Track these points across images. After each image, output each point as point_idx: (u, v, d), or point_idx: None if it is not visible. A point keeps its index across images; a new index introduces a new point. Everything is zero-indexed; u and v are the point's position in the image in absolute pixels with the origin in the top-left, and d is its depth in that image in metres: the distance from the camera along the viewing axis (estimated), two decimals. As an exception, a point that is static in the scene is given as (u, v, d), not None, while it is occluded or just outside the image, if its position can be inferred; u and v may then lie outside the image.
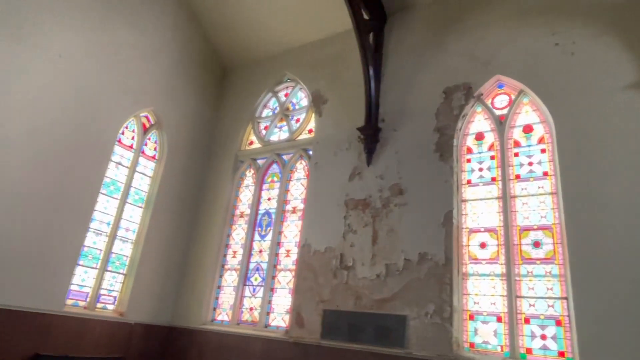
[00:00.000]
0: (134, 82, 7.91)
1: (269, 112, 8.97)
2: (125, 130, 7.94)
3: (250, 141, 8.92)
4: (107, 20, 7.55)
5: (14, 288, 6.01)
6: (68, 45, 6.96)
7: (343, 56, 7.96)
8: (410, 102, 6.84)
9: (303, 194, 7.61)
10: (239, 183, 8.69)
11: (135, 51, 7.98)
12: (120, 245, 7.65)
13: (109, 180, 7.56)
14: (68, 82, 6.91)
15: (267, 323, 7.07)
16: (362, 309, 5.97)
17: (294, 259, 7.18)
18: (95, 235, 7.28)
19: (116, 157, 7.71)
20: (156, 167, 8.40)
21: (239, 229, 8.24)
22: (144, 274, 7.72)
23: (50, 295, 6.41)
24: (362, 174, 6.83)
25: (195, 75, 9.20)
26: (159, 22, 8.46)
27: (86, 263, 7.11)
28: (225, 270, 8.04)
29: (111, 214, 7.55)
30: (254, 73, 9.38)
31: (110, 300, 7.41)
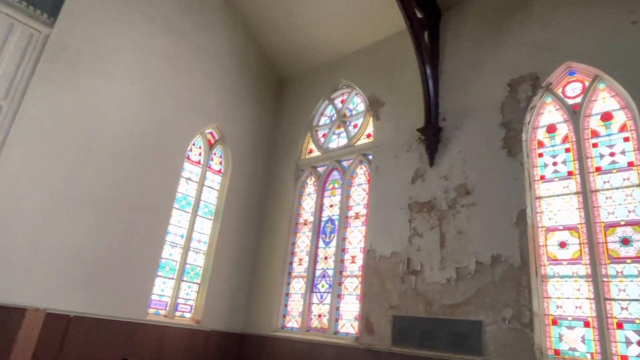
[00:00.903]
0: (198, 101, 8.36)
1: (326, 120, 9.06)
2: (193, 147, 8.39)
3: (310, 149, 9.04)
4: (172, 47, 8.07)
5: (103, 299, 6.53)
6: (140, 73, 7.52)
7: (398, 57, 7.86)
8: (472, 99, 6.59)
9: (365, 199, 7.57)
10: (301, 191, 8.83)
11: (198, 72, 8.44)
12: (194, 256, 8.06)
13: (181, 195, 8.01)
14: (142, 107, 7.46)
15: (336, 330, 7.08)
16: (434, 315, 5.79)
17: (360, 265, 7.14)
18: (171, 248, 7.73)
19: (186, 172, 8.17)
20: (222, 180, 8.78)
21: (303, 236, 8.36)
22: (216, 283, 8.06)
23: (134, 305, 6.89)
24: (425, 176, 6.66)
25: (254, 88, 9.53)
26: (218, 42, 8.88)
27: (164, 274, 7.56)
28: (292, 277, 8.18)
29: (184, 227, 7.99)
30: (309, 82, 9.53)
31: (187, 308, 7.81)
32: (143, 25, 7.70)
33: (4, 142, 5.93)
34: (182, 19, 8.32)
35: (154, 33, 7.84)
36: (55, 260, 6.16)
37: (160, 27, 7.95)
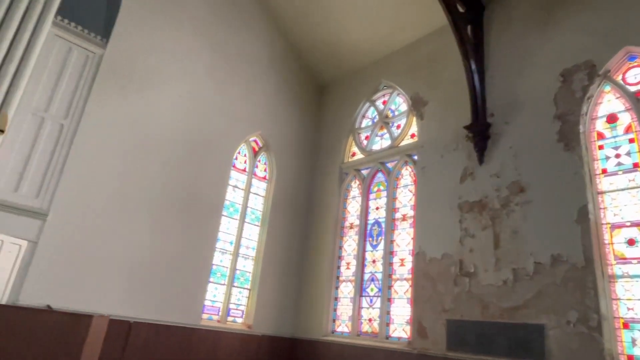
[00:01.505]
0: (242, 110, 8.54)
1: (368, 122, 8.99)
2: (238, 155, 8.58)
3: (353, 152, 9.00)
4: (215, 59, 8.31)
5: (160, 305, 6.78)
6: (186, 86, 7.79)
7: (440, 54, 7.68)
8: (522, 91, 6.31)
9: (412, 200, 7.43)
10: (346, 195, 8.80)
11: (241, 81, 8.63)
12: (243, 262, 8.22)
13: (228, 202, 8.20)
14: (189, 118, 7.72)
15: (387, 334, 6.97)
16: (491, 319, 5.56)
17: (409, 268, 7.00)
18: (221, 254, 7.92)
19: (232, 180, 8.35)
20: (267, 186, 8.91)
21: (349, 240, 8.32)
22: (265, 288, 8.17)
23: (189, 310, 7.11)
24: (474, 174, 6.44)
25: (295, 94, 9.62)
26: (258, 51, 9.06)
27: (216, 280, 7.75)
28: (341, 281, 8.14)
29: (233, 234, 8.16)
30: (349, 85, 9.51)
31: (239, 313, 7.96)
32: (187, 41, 7.98)
33: (67, 158, 6.32)
34: (223, 32, 8.55)
35: (197, 47, 8.10)
36: (116, 268, 6.47)
37: (203, 41, 8.21)
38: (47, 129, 6.28)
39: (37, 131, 6.19)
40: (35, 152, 6.12)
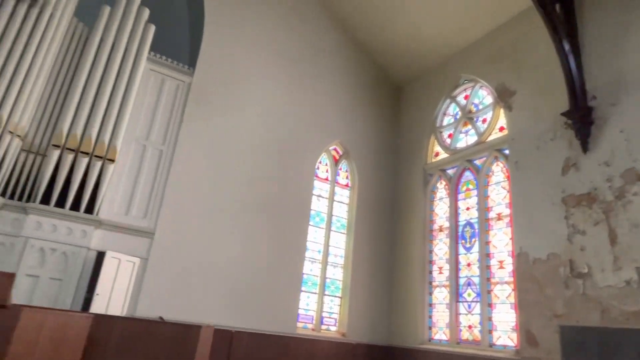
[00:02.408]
0: (320, 121, 8.67)
1: (450, 119, 8.61)
2: (320, 164, 8.69)
3: (436, 152, 8.67)
4: (291, 73, 8.55)
5: (257, 314, 7.04)
6: (266, 103, 8.11)
7: (525, 39, 7.13)
8: (628, 68, 5.60)
9: (506, 198, 6.93)
10: (432, 197, 8.48)
11: (317, 92, 8.78)
12: (332, 271, 8.26)
13: (314, 212, 8.32)
14: (270, 134, 8.01)
15: (491, 342, 6.52)
16: (614, 324, 4.95)
17: (510, 270, 6.51)
18: (311, 263, 8.04)
19: (316, 190, 8.48)
20: (351, 194, 8.90)
21: (440, 243, 7.98)
22: (356, 296, 8.12)
23: (285, 319, 7.30)
24: (578, 164, 5.84)
25: (371, 99, 9.55)
26: (332, 61, 9.15)
27: (307, 289, 7.87)
28: (434, 287, 7.82)
29: (320, 243, 8.26)
30: (426, 83, 9.21)
31: (332, 321, 8.00)
32: (264, 61, 8.31)
33: (167, 180, 6.87)
34: (296, 48, 8.78)
35: (273, 66, 8.40)
36: (215, 280, 6.86)
37: (279, 59, 8.49)
38: (148, 155, 6.89)
39: (141, 158, 6.82)
40: (141, 177, 6.74)
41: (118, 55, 6.69)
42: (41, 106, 6.22)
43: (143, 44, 6.97)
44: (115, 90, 6.57)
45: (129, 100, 6.64)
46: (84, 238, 6.02)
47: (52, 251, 5.79)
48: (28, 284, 5.54)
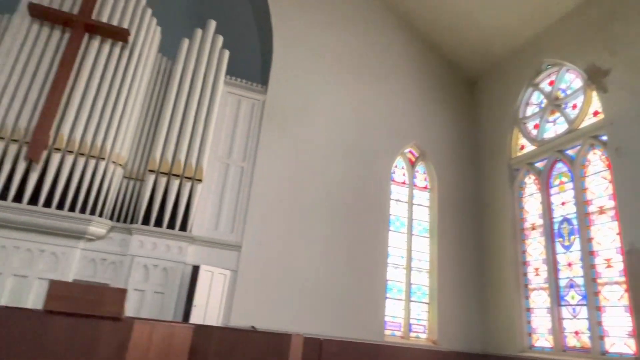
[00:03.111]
0: (393, 124, 8.55)
1: (534, 109, 8.01)
2: (396, 168, 8.56)
3: (522, 145, 8.10)
4: (360, 81, 8.57)
5: (344, 322, 7.06)
6: (337, 113, 8.20)
7: (617, 11, 6.43)
8: None
9: (608, 189, 6.25)
10: (520, 193, 7.92)
11: (389, 97, 8.69)
12: (417, 276, 8.04)
13: (393, 217, 8.19)
14: (344, 142, 8.07)
15: (603, 349, 5.88)
16: None
17: (621, 269, 5.83)
18: (394, 269, 7.90)
19: (394, 194, 8.34)
20: (430, 196, 8.63)
21: (534, 242, 7.40)
22: (445, 301, 7.81)
23: (372, 327, 7.23)
24: (696, 145, 5.10)
25: (444, 97, 9.22)
26: (401, 63, 9.02)
27: (392, 295, 7.74)
28: (531, 290, 7.26)
29: (402, 248, 8.09)
30: (504, 73, 8.67)
31: (421, 329, 7.76)
32: (333, 71, 8.42)
33: (249, 195, 7.20)
34: (365, 54, 8.79)
35: (342, 74, 8.49)
36: (301, 289, 7.01)
37: (347, 67, 8.56)
38: (231, 173, 7.29)
39: (225, 176, 7.24)
40: (225, 194, 7.15)
41: (198, 83, 7.20)
42: (137, 136, 6.89)
43: (219, 69, 7.43)
44: (198, 115, 7.07)
45: (210, 123, 7.11)
46: (180, 254, 6.51)
47: (154, 267, 6.34)
48: (136, 298, 6.10)
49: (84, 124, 6.28)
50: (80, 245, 6.11)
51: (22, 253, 5.85)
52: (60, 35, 6.52)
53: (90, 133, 6.27)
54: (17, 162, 5.84)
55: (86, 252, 6.18)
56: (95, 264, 6.20)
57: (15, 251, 5.82)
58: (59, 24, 6.53)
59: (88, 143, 6.21)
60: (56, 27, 6.53)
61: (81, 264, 6.12)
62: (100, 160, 6.22)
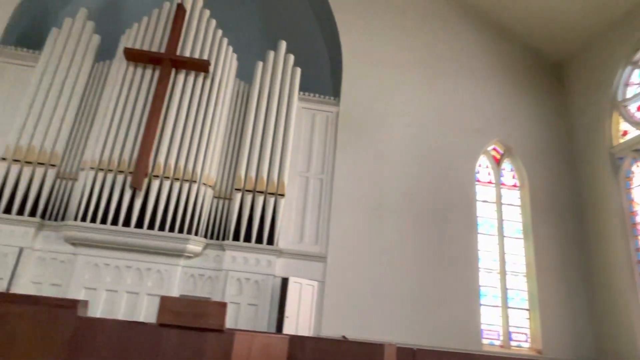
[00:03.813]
0: (473, 123, 8.19)
1: (636, 89, 7.18)
2: (479, 168, 8.15)
3: (624, 131, 7.29)
4: (434, 82, 8.37)
5: (437, 330, 6.82)
6: (412, 115, 8.06)
7: None
8: None
9: None
10: (627, 184, 7.11)
11: (465, 95, 8.37)
12: (513, 280, 7.53)
13: (481, 219, 7.79)
14: (422, 145, 7.90)
15: None
16: None
17: None
18: (487, 274, 7.48)
19: (480, 195, 7.94)
20: (521, 194, 8.08)
21: (649, 238, 6.59)
22: (548, 307, 7.21)
23: (468, 336, 6.89)
24: None
25: (528, 87, 8.63)
26: (477, 57, 8.65)
27: (487, 302, 7.33)
28: (651, 292, 6.45)
29: (493, 251, 7.65)
30: (594, 54, 7.92)
31: (523, 337, 7.24)
32: (405, 75, 8.33)
33: (330, 206, 7.31)
34: (437, 48, 8.59)
35: (415, 77, 8.36)
36: (391, 299, 6.93)
37: (420, 64, 8.42)
38: (311, 185, 7.47)
39: (305, 189, 7.44)
40: (307, 206, 7.33)
41: (274, 102, 7.53)
42: (223, 158, 7.35)
43: (293, 87, 7.70)
44: (276, 133, 7.38)
45: (288, 139, 7.37)
46: (269, 267, 6.78)
47: (247, 280, 6.67)
48: (232, 310, 6.45)
49: (176, 151, 6.86)
50: (180, 263, 6.63)
51: (132, 272, 6.49)
52: (151, 73, 7.22)
53: (182, 159, 6.83)
54: (124, 191, 6.52)
55: (186, 269, 6.69)
56: (194, 280, 6.68)
57: (127, 270, 6.48)
58: (150, 63, 7.23)
59: (181, 168, 6.77)
60: (147, 66, 7.25)
61: (183, 280, 6.63)
62: (192, 183, 6.73)
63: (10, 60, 7.38)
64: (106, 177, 6.52)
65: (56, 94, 7.01)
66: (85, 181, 6.48)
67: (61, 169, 6.83)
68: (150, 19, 7.51)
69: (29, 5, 7.93)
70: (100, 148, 6.67)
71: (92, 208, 6.35)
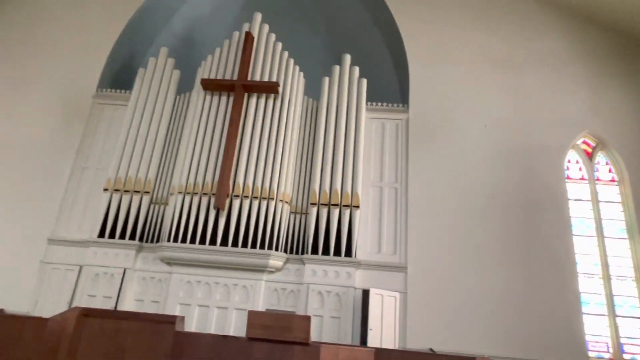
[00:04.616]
0: (558, 114, 7.61)
1: None
2: (569, 164, 7.52)
3: None
4: (510, 74, 7.92)
5: (533, 343, 6.32)
6: (489, 114, 7.68)
7: None
8: None
9: None
10: None
11: (543, 86, 7.81)
12: (620, 286, 6.78)
13: (575, 219, 7.15)
14: (502, 144, 7.49)
15: None
16: None
17: None
18: (588, 279, 6.82)
19: (572, 193, 7.31)
20: (621, 189, 7.31)
21: None
22: (666, 315, 6.38)
23: (570, 348, 6.30)
24: None
25: (619, 71, 7.84)
26: (555, 41, 8.06)
27: (590, 310, 6.66)
28: None
29: (594, 254, 6.97)
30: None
31: (637, 349, 6.45)
32: (476, 68, 8.00)
33: (407, 215, 7.16)
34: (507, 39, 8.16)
35: (488, 69, 8.00)
36: (479, 309, 6.57)
37: (491, 59, 8.05)
38: (385, 195, 7.39)
39: (380, 199, 7.37)
40: (383, 217, 7.25)
41: (343, 115, 7.61)
42: (297, 174, 7.56)
43: (360, 98, 7.74)
44: (347, 145, 7.44)
45: (359, 150, 7.39)
46: (349, 279, 6.78)
47: (328, 293, 6.72)
48: (316, 323, 6.53)
49: (253, 170, 7.18)
50: (264, 278, 6.88)
51: (221, 288, 6.86)
52: (226, 99, 7.69)
53: (259, 178, 7.13)
54: (209, 211, 6.96)
55: (269, 283, 6.91)
56: (278, 294, 6.89)
57: (216, 286, 6.86)
58: (224, 90, 7.71)
59: (259, 187, 7.06)
60: (222, 93, 7.73)
61: (267, 294, 6.86)
62: (270, 200, 7.00)
63: (107, 102, 8.29)
64: (192, 199, 7.01)
65: (146, 128, 7.73)
66: (175, 205, 7.02)
67: (154, 195, 7.47)
68: (222, 49, 8.03)
69: (119, 51, 8.87)
70: (185, 173, 7.21)
71: (182, 229, 6.85)
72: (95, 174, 7.72)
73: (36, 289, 6.99)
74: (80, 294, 6.82)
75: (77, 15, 8.94)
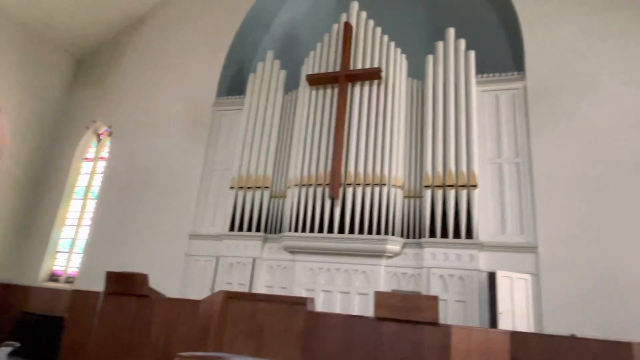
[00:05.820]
0: None
1: None
2: None
3: None
4: None
5: None
6: (619, 72, 6.69)
7: None
8: None
9: None
10: None
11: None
12: None
13: None
14: None
15: None
16: None
17: None
18: None
19: None
20: None
21: None
22: None
23: None
24: None
25: None
26: None
27: None
28: None
29: None
30: None
31: None
32: (604, 26, 6.99)
33: (533, 191, 6.59)
34: (644, -14, 6.96)
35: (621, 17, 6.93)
36: (629, 288, 5.79)
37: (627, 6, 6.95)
38: (506, 171, 6.90)
39: (500, 176, 6.91)
40: (505, 194, 6.79)
41: (451, 92, 7.27)
42: (407, 158, 7.44)
43: (468, 72, 7.31)
44: (458, 123, 7.10)
45: (472, 127, 7.00)
46: (472, 261, 6.49)
47: (450, 277, 6.52)
48: (440, 307, 6.37)
49: (363, 158, 7.27)
50: (383, 263, 6.94)
51: (342, 273, 7.10)
52: (331, 91, 7.88)
53: (369, 165, 7.19)
54: (324, 201, 7.24)
55: (389, 269, 6.95)
56: (398, 278, 6.89)
57: (337, 272, 7.12)
58: (329, 83, 7.91)
59: (370, 174, 7.13)
60: (327, 86, 7.94)
61: (387, 279, 6.91)
62: (382, 186, 7.01)
63: (226, 108, 9.10)
64: (308, 191, 7.35)
65: (260, 127, 8.31)
66: (293, 197, 7.44)
67: (273, 190, 8.02)
68: (323, 44, 8.24)
69: (231, 60, 9.65)
70: (299, 167, 7.59)
71: (301, 219, 7.24)
72: (221, 174, 8.55)
73: (183, 277, 8.03)
74: (219, 281, 7.64)
75: (192, 34, 9.95)
